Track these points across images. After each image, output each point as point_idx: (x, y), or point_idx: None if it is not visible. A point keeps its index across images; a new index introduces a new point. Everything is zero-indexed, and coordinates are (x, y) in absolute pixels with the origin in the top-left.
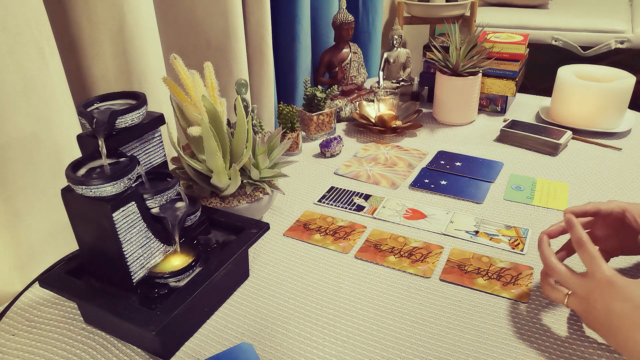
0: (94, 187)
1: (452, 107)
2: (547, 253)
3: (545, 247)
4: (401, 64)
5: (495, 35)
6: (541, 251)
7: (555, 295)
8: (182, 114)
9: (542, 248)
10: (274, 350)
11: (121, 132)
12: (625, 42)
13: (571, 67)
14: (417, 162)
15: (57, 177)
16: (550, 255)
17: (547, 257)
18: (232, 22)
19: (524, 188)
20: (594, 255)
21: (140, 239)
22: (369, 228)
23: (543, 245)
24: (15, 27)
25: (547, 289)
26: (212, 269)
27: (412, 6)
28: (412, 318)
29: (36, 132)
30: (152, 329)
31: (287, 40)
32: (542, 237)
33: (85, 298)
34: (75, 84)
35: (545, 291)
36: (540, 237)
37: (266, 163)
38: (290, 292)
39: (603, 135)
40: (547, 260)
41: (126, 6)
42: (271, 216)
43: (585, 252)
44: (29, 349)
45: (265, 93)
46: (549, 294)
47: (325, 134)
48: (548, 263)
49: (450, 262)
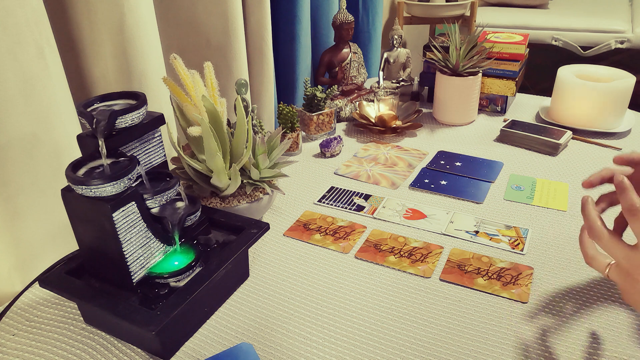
0: (94, 187)
1: (452, 107)
2: (593, 217)
3: (591, 209)
4: (401, 64)
5: (495, 35)
6: (586, 214)
7: (596, 264)
8: (182, 114)
9: (587, 211)
10: (274, 350)
11: (121, 132)
12: (625, 42)
13: (571, 67)
14: (417, 162)
15: (57, 177)
16: (596, 219)
17: (593, 222)
18: (232, 22)
19: (524, 188)
20: None
21: (140, 239)
22: (369, 228)
23: (588, 207)
24: (15, 27)
25: (587, 256)
26: (212, 269)
27: (412, 6)
28: (412, 318)
29: (36, 132)
30: (152, 329)
31: (287, 40)
32: (586, 199)
33: (85, 298)
34: (75, 84)
35: (586, 257)
36: (584, 199)
37: (266, 163)
38: (290, 292)
39: (603, 135)
40: (594, 225)
41: (126, 6)
42: (271, 216)
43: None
44: (29, 349)
45: (265, 93)
46: (589, 261)
47: (325, 134)
48: (594, 229)
49: (450, 262)
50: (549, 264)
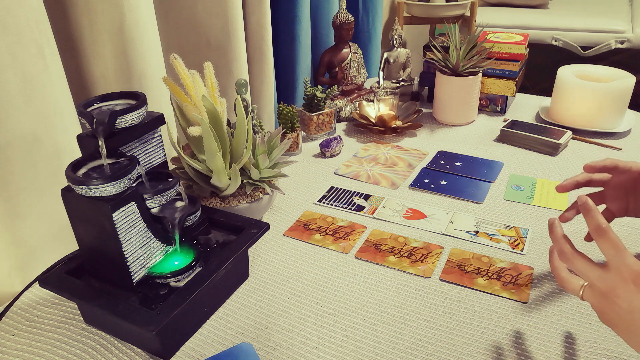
0: (94, 187)
1: (452, 107)
2: (562, 239)
3: (558, 232)
4: (401, 64)
5: (495, 35)
6: (554, 237)
7: (569, 286)
8: (182, 114)
9: (556, 234)
10: (274, 350)
11: (121, 132)
12: (625, 42)
13: (571, 67)
14: (417, 162)
15: (57, 177)
16: (565, 242)
17: (562, 245)
18: (232, 22)
19: (524, 188)
20: (619, 247)
21: (140, 239)
22: (369, 228)
23: (555, 230)
24: (15, 27)
25: (559, 278)
26: (212, 269)
27: (412, 6)
28: (412, 318)
29: (36, 132)
30: (152, 329)
31: (287, 40)
32: (553, 222)
33: (85, 298)
34: (75, 84)
35: (558, 280)
36: (550, 221)
37: (266, 163)
38: (290, 292)
39: (603, 135)
40: (563, 248)
41: (126, 6)
42: (271, 216)
43: (607, 241)
44: (29, 349)
45: (265, 93)
46: (562, 283)
47: (325, 134)
48: (564, 252)
49: (450, 262)
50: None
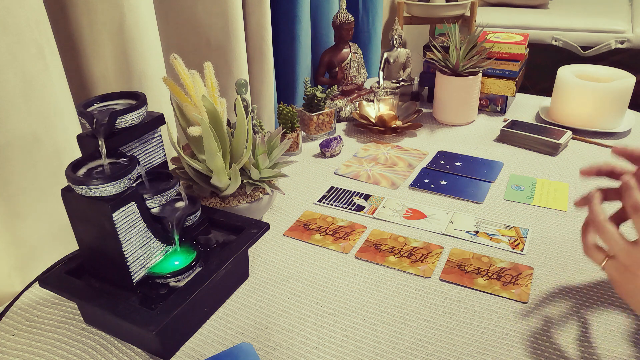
0: (94, 187)
1: (452, 107)
2: (598, 209)
3: (596, 202)
4: (401, 64)
5: (495, 35)
6: (591, 206)
7: (595, 255)
8: (182, 114)
9: (593, 203)
10: (274, 350)
11: (121, 132)
12: (625, 42)
13: (571, 67)
14: (417, 162)
15: (57, 177)
16: (600, 212)
17: (597, 215)
18: (232, 22)
19: (524, 188)
20: None
21: (140, 239)
22: (369, 228)
23: (594, 201)
24: (15, 27)
25: (586, 246)
26: (212, 269)
27: (412, 6)
28: (412, 318)
29: (36, 132)
30: (152, 329)
31: (287, 40)
32: (594, 193)
33: (85, 298)
34: (75, 84)
35: (585, 247)
36: (592, 192)
37: (266, 163)
38: (290, 292)
39: (603, 135)
40: (597, 218)
41: (126, 6)
42: (271, 216)
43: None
44: (29, 349)
45: (265, 93)
46: (588, 251)
47: (325, 134)
48: (598, 222)
49: (450, 262)
50: (549, 264)
